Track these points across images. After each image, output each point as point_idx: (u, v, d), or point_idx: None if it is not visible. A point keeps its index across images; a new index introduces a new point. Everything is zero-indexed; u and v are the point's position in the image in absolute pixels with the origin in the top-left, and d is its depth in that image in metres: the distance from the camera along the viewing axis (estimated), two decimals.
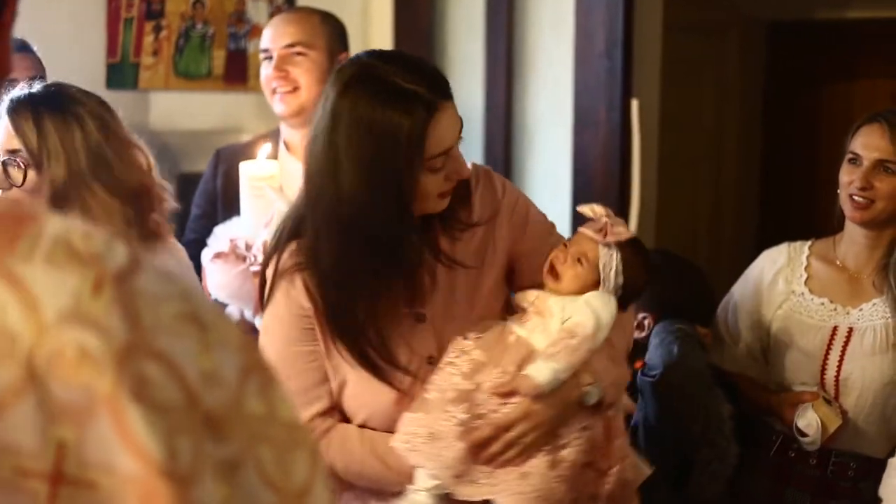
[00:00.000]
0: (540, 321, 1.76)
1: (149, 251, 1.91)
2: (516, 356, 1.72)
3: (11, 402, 0.61)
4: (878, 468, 2.37)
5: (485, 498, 1.70)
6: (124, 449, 0.62)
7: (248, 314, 2.28)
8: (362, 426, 1.76)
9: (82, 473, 0.61)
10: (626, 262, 1.81)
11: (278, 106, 2.60)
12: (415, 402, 1.71)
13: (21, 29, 0.83)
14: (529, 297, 1.82)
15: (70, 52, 3.03)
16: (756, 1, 4.73)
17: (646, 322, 2.57)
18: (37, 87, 1.94)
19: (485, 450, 1.67)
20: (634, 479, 1.83)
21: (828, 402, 2.36)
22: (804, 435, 2.36)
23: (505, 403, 1.69)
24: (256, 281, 2.16)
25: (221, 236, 2.32)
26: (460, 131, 1.70)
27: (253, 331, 2.08)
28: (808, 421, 2.34)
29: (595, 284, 1.80)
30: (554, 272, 1.80)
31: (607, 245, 1.80)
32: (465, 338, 1.74)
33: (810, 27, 4.79)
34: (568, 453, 1.70)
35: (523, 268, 1.87)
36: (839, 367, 2.38)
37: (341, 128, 1.64)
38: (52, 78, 2.39)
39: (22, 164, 1.91)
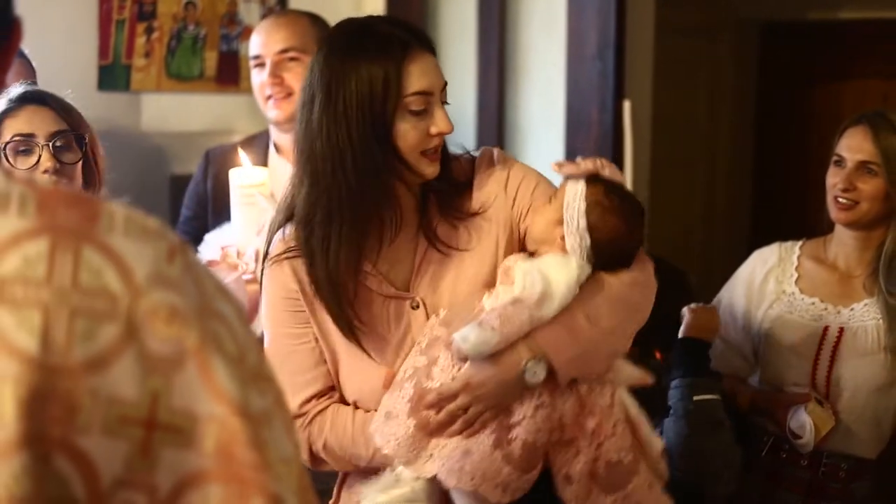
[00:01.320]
0: (504, 289, 1.66)
1: None
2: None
3: (116, 356, 0.69)
4: (870, 469, 2.38)
5: (434, 473, 1.63)
6: (208, 394, 0.71)
7: None
8: (355, 406, 1.75)
9: (170, 419, 0.70)
10: (592, 202, 1.64)
11: (272, 111, 2.59)
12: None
13: None
14: (506, 263, 1.70)
15: (62, 54, 3.02)
16: (749, 2, 4.73)
17: None
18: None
19: (431, 421, 1.63)
20: (630, 461, 1.67)
21: (820, 403, 2.36)
22: (797, 437, 2.35)
23: (454, 378, 1.63)
24: (249, 289, 2.17)
25: (212, 244, 2.32)
26: (444, 89, 1.70)
27: None
28: (802, 423, 2.33)
29: (561, 227, 1.65)
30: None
31: (573, 179, 1.63)
32: (437, 315, 1.69)
33: (803, 28, 4.80)
34: (518, 433, 1.60)
35: None
36: (830, 366, 2.38)
37: (322, 79, 1.65)
38: (43, 79, 2.40)
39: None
